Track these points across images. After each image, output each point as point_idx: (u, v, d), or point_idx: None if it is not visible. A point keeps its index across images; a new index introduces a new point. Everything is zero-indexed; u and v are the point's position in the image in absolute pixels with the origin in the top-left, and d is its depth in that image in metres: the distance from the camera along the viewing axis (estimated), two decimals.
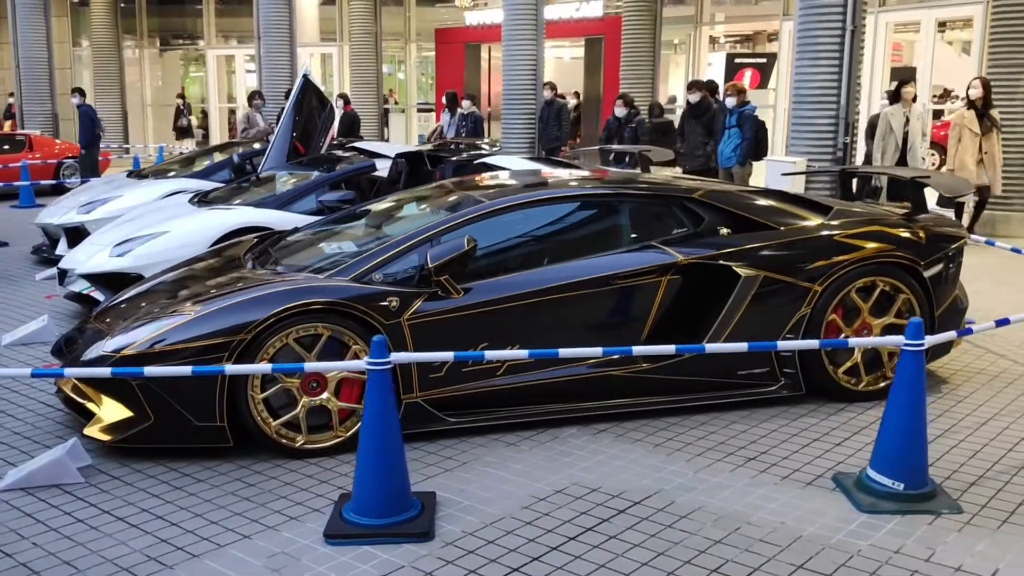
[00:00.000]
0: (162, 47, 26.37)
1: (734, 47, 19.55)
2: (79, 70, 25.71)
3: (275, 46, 18.72)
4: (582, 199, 5.52)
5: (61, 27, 25.60)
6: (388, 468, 3.91)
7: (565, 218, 5.51)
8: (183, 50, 26.74)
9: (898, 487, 4.11)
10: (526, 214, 5.36)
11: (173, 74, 27.13)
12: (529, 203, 5.34)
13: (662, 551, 3.74)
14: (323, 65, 24.45)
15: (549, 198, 5.43)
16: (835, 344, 4.60)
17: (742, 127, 11.11)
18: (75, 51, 25.76)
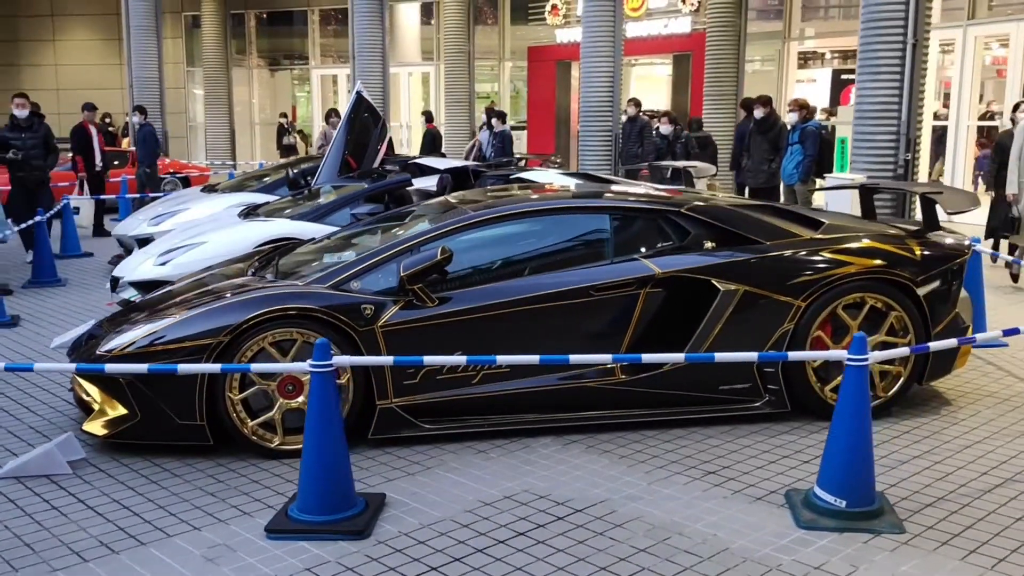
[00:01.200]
0: (271, 67, 27.44)
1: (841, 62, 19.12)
2: (191, 89, 26.99)
3: (369, 66, 19.26)
4: (566, 212, 5.61)
5: (176, 48, 26.96)
6: (330, 468, 4.09)
7: (548, 230, 5.61)
8: (291, 70, 27.73)
9: (840, 504, 4.07)
10: (510, 226, 5.49)
11: (283, 93, 28.14)
12: (512, 215, 5.47)
13: (582, 557, 3.81)
14: (423, 84, 25.06)
15: (533, 210, 5.54)
16: (774, 357, 4.56)
17: (804, 143, 10.96)
18: (188, 71, 27.04)
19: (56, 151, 11.63)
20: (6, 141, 10.98)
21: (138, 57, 21.71)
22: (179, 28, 26.89)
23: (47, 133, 11.32)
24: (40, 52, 27.43)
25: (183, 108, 26.85)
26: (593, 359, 4.43)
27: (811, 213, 5.80)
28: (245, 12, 26.19)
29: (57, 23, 27.28)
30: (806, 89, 18.68)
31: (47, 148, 11.25)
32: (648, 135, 14.88)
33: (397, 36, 25.21)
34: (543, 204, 5.57)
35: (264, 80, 27.19)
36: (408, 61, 24.60)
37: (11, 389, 6.16)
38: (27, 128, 11.03)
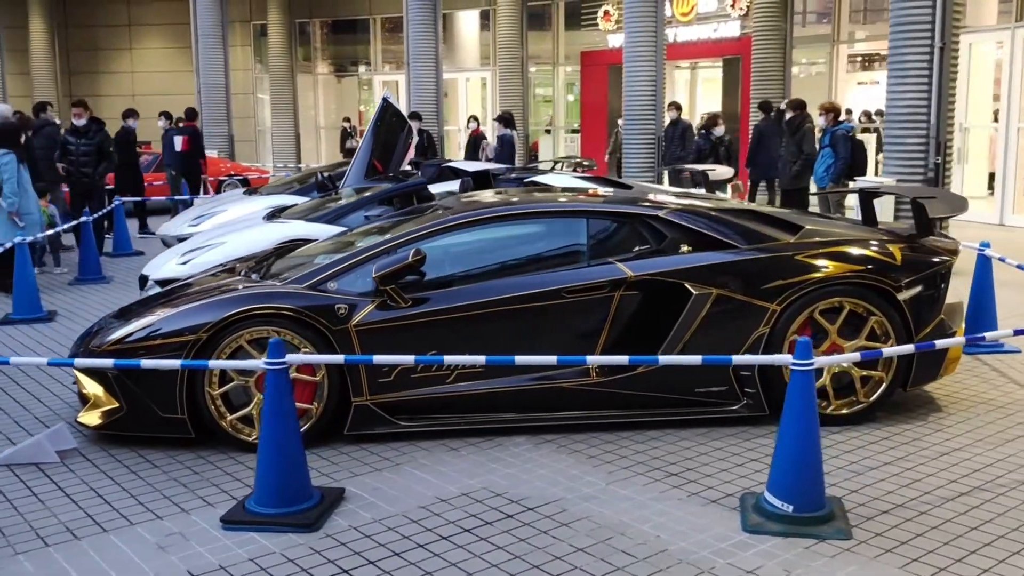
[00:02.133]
0: (337, 73, 27.83)
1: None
2: (259, 95, 27.52)
3: (422, 71, 19.41)
4: (544, 215, 5.59)
5: (245, 55, 27.54)
6: (284, 462, 4.14)
7: (526, 233, 5.59)
8: (356, 76, 28.08)
9: (787, 509, 3.99)
10: (489, 229, 5.49)
11: (347, 98, 28.51)
12: (490, 219, 5.47)
13: (519, 555, 3.80)
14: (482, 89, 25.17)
15: (511, 214, 5.53)
16: (719, 361, 4.47)
17: (835, 147, 10.73)
18: (257, 77, 27.57)
19: (111, 158, 11.92)
20: (65, 145, 11.41)
21: (205, 64, 22.21)
22: (248, 36, 27.45)
23: (102, 141, 11.61)
24: (118, 60, 28.26)
25: (252, 113, 27.40)
26: (536, 360, 4.41)
27: (792, 217, 5.67)
28: (310, 21, 26.62)
29: (133, 32, 28.08)
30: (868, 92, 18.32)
31: (100, 156, 11.54)
32: (689, 137, 14.75)
33: (456, 42, 25.41)
34: (521, 208, 5.56)
35: (329, 85, 27.61)
36: (468, 67, 24.74)
37: (28, 381, 6.36)
38: (84, 134, 11.38)
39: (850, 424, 5.23)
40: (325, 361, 4.70)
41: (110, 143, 11.77)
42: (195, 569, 3.74)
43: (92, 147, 11.46)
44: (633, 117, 15.47)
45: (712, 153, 12.40)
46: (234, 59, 26.95)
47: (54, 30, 27.45)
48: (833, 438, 5.05)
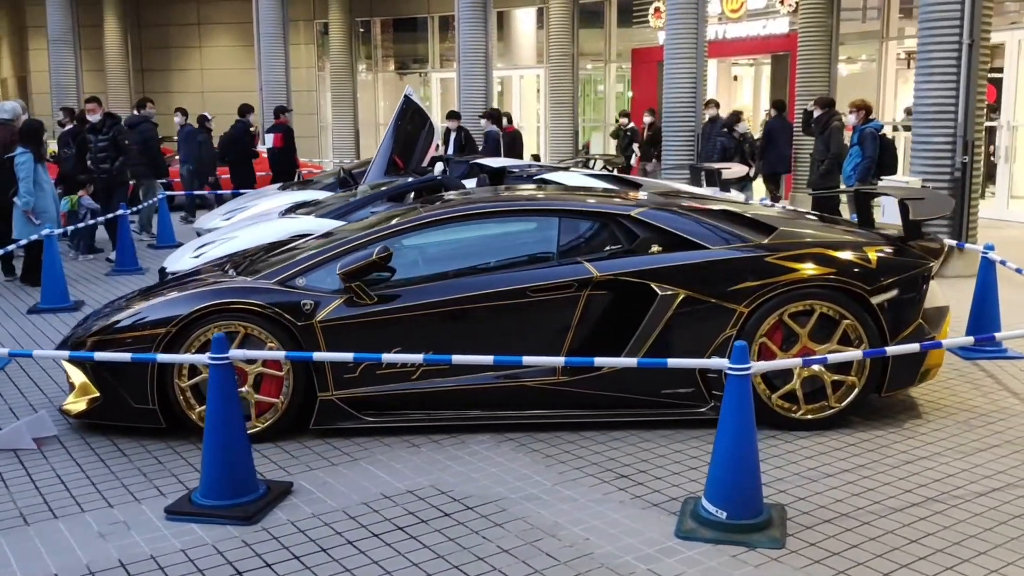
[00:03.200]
0: (398, 70, 27.95)
1: None
2: (323, 92, 27.80)
3: (472, 69, 19.39)
4: (516, 214, 5.51)
5: (309, 53, 27.85)
6: (227, 456, 4.16)
7: (498, 231, 5.52)
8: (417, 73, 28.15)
9: (721, 516, 3.86)
10: (460, 227, 5.44)
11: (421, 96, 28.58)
12: (461, 216, 5.41)
13: (444, 554, 3.75)
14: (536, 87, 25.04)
15: (482, 212, 5.46)
16: (654, 364, 4.32)
17: (863, 145, 10.41)
18: (319, 75, 27.85)
19: (126, 152, 11.56)
20: (85, 143, 11.33)
21: (267, 62, 22.49)
22: (311, 35, 27.75)
23: (116, 135, 11.40)
24: (188, 58, 28.82)
25: (314, 110, 27.69)
26: (471, 360, 4.33)
27: (768, 218, 5.49)
28: (371, 19, 26.80)
29: (203, 31, 28.60)
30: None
31: (117, 150, 11.33)
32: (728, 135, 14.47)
33: (512, 40, 25.34)
34: (492, 206, 5.49)
35: (389, 82, 27.74)
36: (524, 64, 24.65)
37: (35, 370, 6.51)
38: (99, 130, 11.28)
39: (820, 429, 5.06)
40: (265, 357, 4.71)
41: (124, 136, 11.58)
42: (127, 558, 3.77)
43: (107, 142, 11.28)
44: (673, 114, 15.23)
45: (737, 151, 12.13)
46: (298, 57, 27.30)
47: (127, 29, 28.10)
48: (799, 443, 4.90)
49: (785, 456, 4.73)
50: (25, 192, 9.36)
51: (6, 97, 33.26)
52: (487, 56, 19.33)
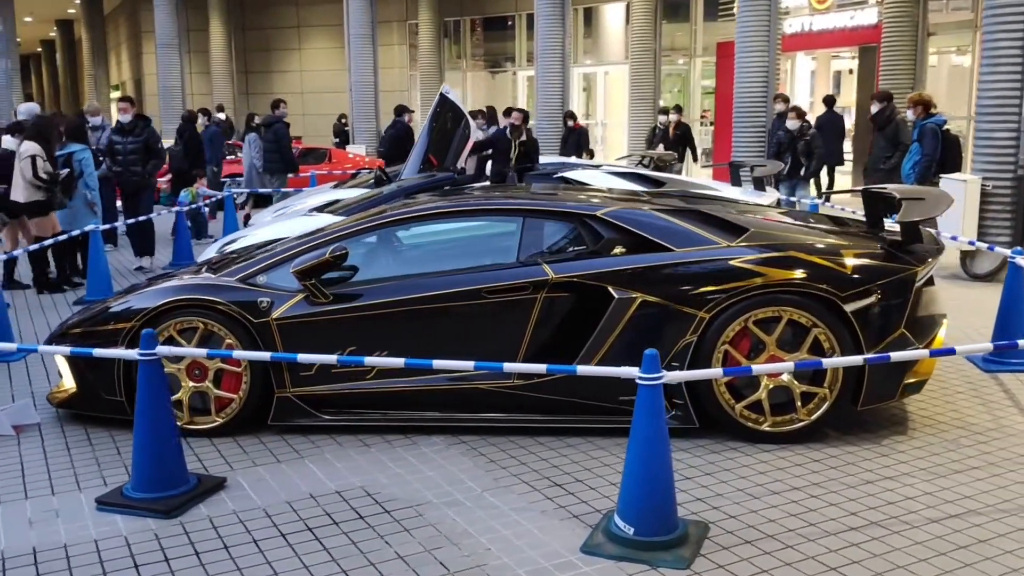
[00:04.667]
0: (487, 69, 28.01)
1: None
2: (414, 92, 28.08)
3: (550, 66, 19.26)
4: (480, 213, 5.37)
5: (402, 54, 28.20)
6: (154, 450, 4.18)
7: (463, 231, 5.40)
8: (507, 71, 28.17)
9: (629, 531, 3.67)
10: (425, 226, 5.35)
11: (501, 94, 28.64)
12: (425, 215, 5.32)
13: (339, 557, 3.68)
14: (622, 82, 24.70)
15: (447, 211, 5.35)
16: (563, 370, 4.08)
17: (922, 142, 9.84)
18: (411, 75, 28.14)
19: (160, 156, 11.32)
20: (112, 145, 10.94)
21: (356, 63, 22.88)
22: (404, 35, 28.08)
23: (149, 138, 10.92)
24: (288, 60, 29.59)
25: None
26: (386, 362, 4.22)
27: (742, 219, 5.19)
28: (460, 19, 26.93)
29: (302, 33, 29.31)
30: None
31: (148, 153, 10.89)
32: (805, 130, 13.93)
33: (600, 36, 25.07)
34: (457, 205, 5.37)
35: (478, 81, 27.83)
36: (611, 60, 24.34)
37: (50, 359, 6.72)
38: (130, 132, 10.78)
39: (788, 443, 4.77)
40: (190, 354, 4.71)
41: (157, 139, 11.13)
42: (41, 546, 3.84)
43: (139, 144, 10.77)
44: (744, 109, 14.79)
45: (789, 146, 11.62)
46: (390, 58, 27.71)
47: (231, 32, 29.02)
48: (759, 456, 4.63)
49: (737, 471, 4.47)
50: (92, 185, 9.79)
51: None
52: (564, 53, 19.16)
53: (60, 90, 41.64)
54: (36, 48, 48.36)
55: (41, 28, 41.27)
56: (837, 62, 22.03)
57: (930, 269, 5.05)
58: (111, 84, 36.39)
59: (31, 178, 9.07)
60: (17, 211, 9.36)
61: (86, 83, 36.35)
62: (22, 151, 9.20)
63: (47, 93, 46.32)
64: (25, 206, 9.27)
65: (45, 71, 48.00)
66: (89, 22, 35.42)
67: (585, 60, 25.36)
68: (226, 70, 28.80)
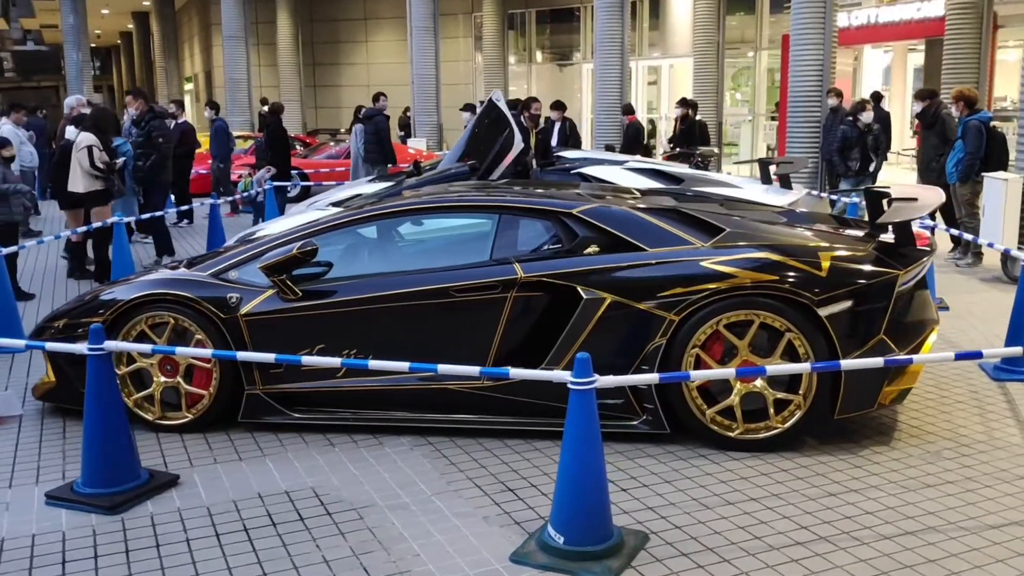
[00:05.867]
0: (551, 62, 27.88)
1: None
2: (478, 85, 28.09)
3: (608, 59, 19.06)
4: (456, 210, 5.31)
5: (467, 46, 28.24)
6: (102, 446, 4.22)
7: (438, 227, 5.34)
8: (573, 64, 28.00)
9: (559, 540, 3.58)
10: (401, 223, 5.31)
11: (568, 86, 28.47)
12: (400, 212, 5.28)
13: (264, 560, 3.67)
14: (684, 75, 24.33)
15: (422, 207, 5.30)
16: (495, 373, 3.97)
17: (965, 139, 9.45)
18: (476, 67, 28.16)
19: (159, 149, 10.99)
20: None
21: (418, 56, 22.99)
22: (469, 28, 28.10)
23: (151, 131, 10.87)
24: (355, 52, 29.91)
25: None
26: (323, 362, 4.18)
27: (720, 219, 5.01)
28: (525, 11, 26.84)
29: (369, 25, 29.59)
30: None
31: (150, 148, 10.81)
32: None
33: (666, 28, 24.73)
34: (434, 202, 5.32)
35: (543, 74, 27.73)
36: (675, 53, 24.01)
37: None
38: (137, 125, 10.86)
39: (760, 451, 4.61)
40: (134, 350, 4.73)
41: (160, 133, 11.01)
42: None
43: (144, 138, 10.78)
44: (798, 104, 14.42)
45: (859, 141, 11.23)
46: (455, 50, 27.80)
47: (299, 25, 29.43)
48: (726, 464, 4.48)
49: (698, 479, 4.33)
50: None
51: (197, 91, 35.69)
52: (623, 46, 18.95)
53: (136, 82, 42.83)
54: (116, 40, 49.81)
55: (120, 20, 42.48)
56: (915, 55, 21.37)
57: (919, 272, 4.83)
58: (184, 76, 37.32)
59: (88, 168, 9.36)
60: (77, 201, 9.66)
61: (158, 75, 37.29)
62: (79, 142, 9.48)
63: (125, 84, 47.68)
64: (85, 196, 9.56)
65: (124, 63, 49.41)
66: (161, 14, 36.33)
67: (653, 53, 25.05)
68: (293, 62, 29.23)
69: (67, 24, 27.28)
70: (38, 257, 11.26)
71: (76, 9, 26.95)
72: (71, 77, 26.86)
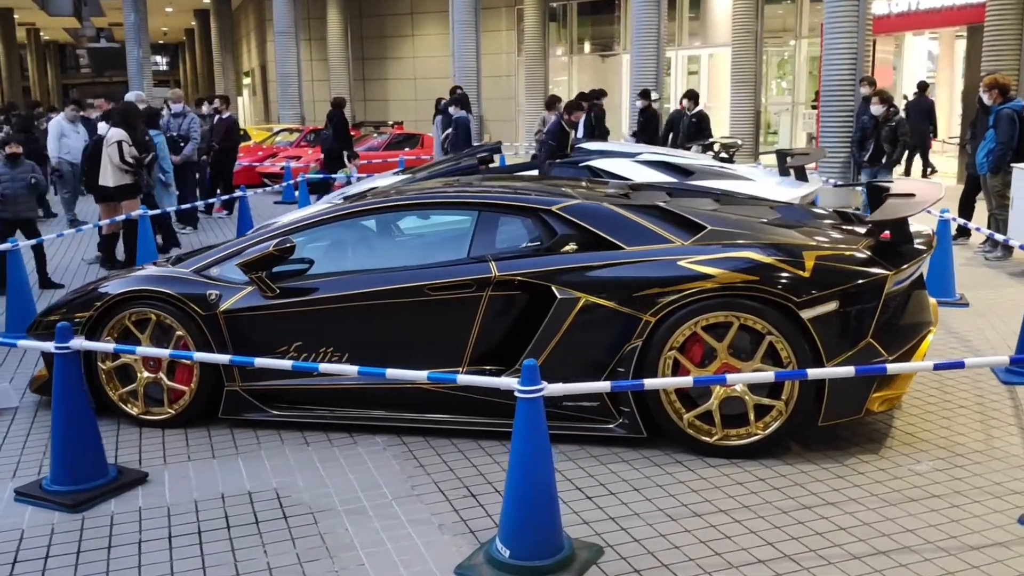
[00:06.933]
0: (592, 52, 27.42)
1: None
2: (520, 77, 27.75)
3: (644, 50, 18.66)
4: (435, 207, 5.09)
5: (509, 39, 27.90)
6: (68, 444, 4.11)
7: (418, 224, 5.13)
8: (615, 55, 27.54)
9: (504, 554, 3.36)
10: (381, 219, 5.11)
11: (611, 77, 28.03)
12: (379, 209, 5.08)
13: (209, 565, 3.52)
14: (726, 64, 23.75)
15: (402, 204, 5.09)
16: (443, 379, 3.72)
17: (997, 129, 8.96)
18: (518, 60, 27.80)
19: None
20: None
21: (459, 49, 22.77)
22: (512, 20, 27.76)
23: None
24: (402, 46, 29.77)
25: (512, 94, 27.75)
26: (273, 363, 3.98)
27: (702, 217, 4.71)
28: (566, 2, 26.44)
29: (416, 20, 29.41)
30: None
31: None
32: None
33: (706, 17, 24.17)
34: (413, 198, 5.10)
35: (583, 64, 27.30)
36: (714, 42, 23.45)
37: None
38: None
39: (741, 457, 4.33)
40: (99, 348, 4.60)
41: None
42: None
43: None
44: (831, 94, 13.91)
45: (874, 133, 10.75)
46: (497, 43, 27.50)
47: (348, 20, 29.38)
48: (701, 472, 4.22)
49: (669, 487, 4.07)
50: (168, 168, 10.26)
51: (254, 85, 35.94)
52: (659, 36, 18.54)
53: (199, 77, 43.34)
54: (181, 37, 50.46)
55: (185, 18, 42.99)
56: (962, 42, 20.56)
57: (913, 272, 4.50)
58: (242, 71, 37.58)
59: (119, 163, 9.34)
60: (107, 195, 9.65)
61: (215, 70, 37.62)
62: (109, 137, 9.47)
63: (189, 80, 48.28)
64: (115, 190, 9.55)
65: (188, 59, 50.04)
66: (218, 11, 36.59)
67: (693, 42, 24.52)
68: (342, 57, 29.20)
69: (128, 21, 27.56)
70: (68, 248, 11.31)
71: (137, 7, 27.19)
72: (132, 73, 27.12)
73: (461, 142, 13.55)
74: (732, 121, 20.92)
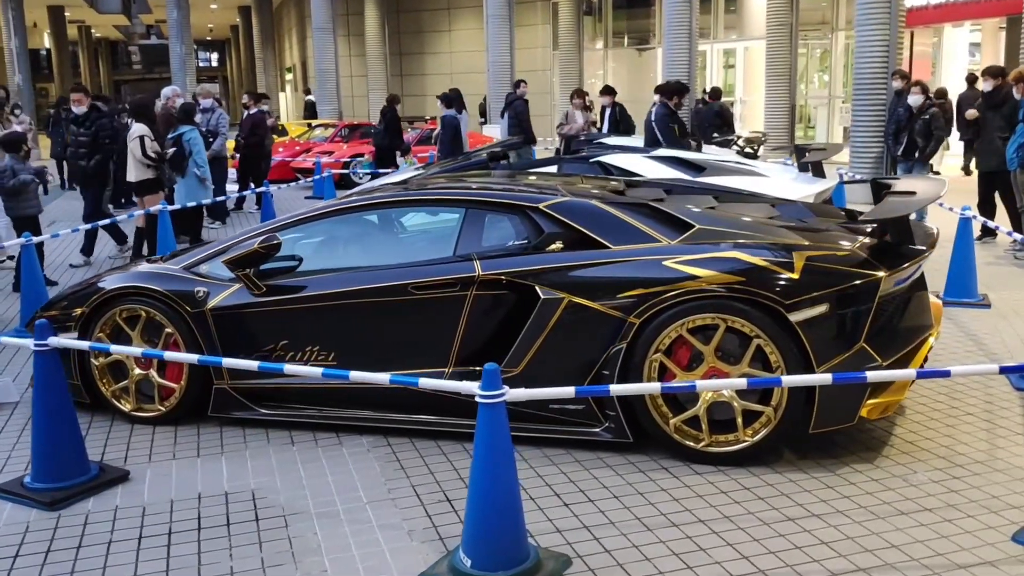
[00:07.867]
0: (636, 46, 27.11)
1: None
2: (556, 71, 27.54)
3: (676, 44, 18.37)
4: (423, 204, 4.97)
5: (545, 33, 27.71)
6: (50, 441, 4.07)
7: (406, 222, 5.01)
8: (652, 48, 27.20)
9: (466, 564, 3.24)
10: (368, 217, 5.01)
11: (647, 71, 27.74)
12: (366, 206, 4.98)
13: (174, 568, 3.45)
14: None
15: (388, 202, 4.98)
16: (405, 382, 3.57)
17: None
18: (554, 54, 27.59)
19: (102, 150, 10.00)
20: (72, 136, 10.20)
21: (493, 43, 22.62)
22: (547, 15, 27.56)
23: (98, 132, 9.90)
24: (439, 41, 29.70)
25: (548, 89, 27.54)
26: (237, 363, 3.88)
27: (692, 216, 4.53)
28: None
29: (453, 15, 29.33)
30: None
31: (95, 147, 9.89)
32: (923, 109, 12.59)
33: (742, 10, 23.80)
34: (401, 196, 4.99)
35: (618, 58, 27.03)
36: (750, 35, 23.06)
37: None
38: (82, 123, 9.94)
39: (729, 464, 4.16)
40: (75, 347, 4.54)
41: (106, 133, 10.03)
42: None
43: (88, 137, 9.84)
44: (863, 87, 13.58)
45: (907, 126, 10.42)
46: (532, 38, 27.32)
47: (385, 15, 29.38)
48: (686, 479, 4.06)
49: (650, 495, 3.92)
50: (201, 163, 10.32)
51: (296, 80, 36.14)
52: (691, 29, 18.24)
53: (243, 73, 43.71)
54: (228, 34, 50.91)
55: (230, 15, 43.34)
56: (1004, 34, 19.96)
57: (911, 273, 4.29)
58: (284, 67, 37.81)
59: (140, 157, 9.37)
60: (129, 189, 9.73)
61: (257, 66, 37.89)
62: (131, 132, 9.51)
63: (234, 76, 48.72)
64: (136, 185, 9.60)
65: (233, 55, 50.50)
66: (259, 8, 36.85)
67: (729, 35, 24.15)
68: (380, 52, 29.23)
69: (171, 18, 27.86)
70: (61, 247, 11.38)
71: (179, 4, 27.47)
72: (175, 69, 27.41)
73: (448, 141, 13.00)
74: (767, 115, 20.56)
